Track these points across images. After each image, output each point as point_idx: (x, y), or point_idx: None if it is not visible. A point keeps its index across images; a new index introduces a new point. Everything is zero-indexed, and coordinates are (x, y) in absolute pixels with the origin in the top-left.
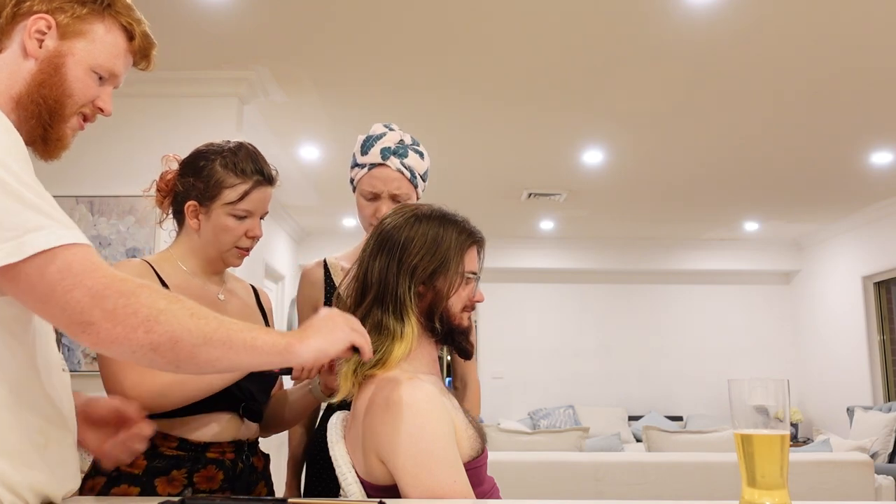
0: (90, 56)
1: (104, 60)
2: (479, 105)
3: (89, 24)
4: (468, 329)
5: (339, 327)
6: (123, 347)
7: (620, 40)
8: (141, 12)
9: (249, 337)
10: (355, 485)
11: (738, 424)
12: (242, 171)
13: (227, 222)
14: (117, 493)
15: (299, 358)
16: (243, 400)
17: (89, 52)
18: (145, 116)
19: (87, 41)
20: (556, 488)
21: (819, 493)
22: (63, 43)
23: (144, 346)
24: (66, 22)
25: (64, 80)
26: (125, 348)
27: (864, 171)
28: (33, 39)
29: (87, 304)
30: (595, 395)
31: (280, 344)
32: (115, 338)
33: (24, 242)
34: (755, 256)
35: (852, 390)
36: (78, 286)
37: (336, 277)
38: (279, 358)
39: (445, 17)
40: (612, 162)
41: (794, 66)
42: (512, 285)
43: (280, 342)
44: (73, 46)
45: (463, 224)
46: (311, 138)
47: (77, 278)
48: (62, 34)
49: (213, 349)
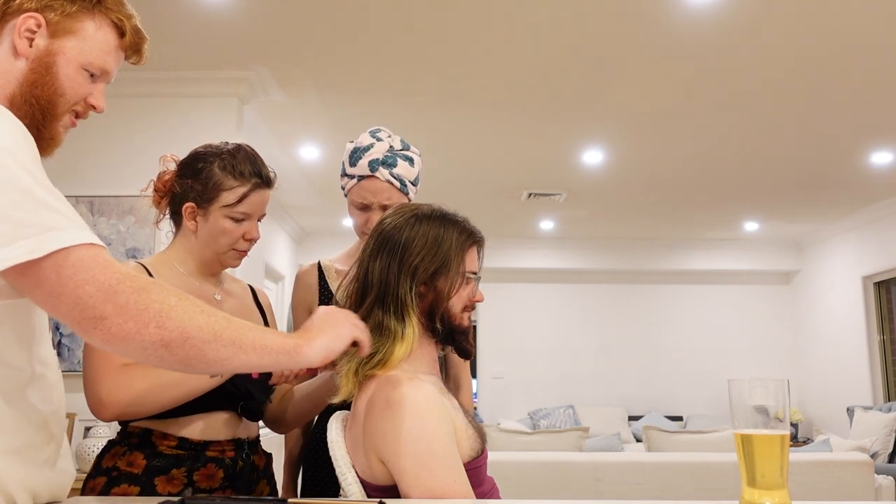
0: (81, 54)
1: (95, 58)
2: (479, 105)
3: (79, 21)
4: (469, 329)
5: (340, 323)
6: (135, 344)
7: (620, 41)
8: (141, 13)
9: (258, 336)
10: (355, 485)
11: (738, 424)
12: (241, 173)
13: (225, 224)
14: (117, 492)
15: (308, 359)
16: (242, 399)
17: (80, 49)
18: (145, 117)
19: (77, 39)
20: (556, 488)
21: (819, 493)
22: (53, 41)
23: (156, 342)
24: (56, 20)
25: (55, 80)
26: (136, 345)
27: (864, 171)
28: (23, 38)
29: (99, 299)
30: (595, 395)
31: (289, 344)
32: (126, 333)
33: (44, 240)
34: (755, 256)
35: (852, 390)
36: (91, 281)
37: (330, 280)
38: (287, 358)
39: (446, 17)
40: (612, 162)
41: (794, 66)
42: (512, 285)
43: (289, 343)
44: (64, 45)
45: (463, 224)
46: (311, 138)
47: (90, 273)
48: (52, 32)
49: (222, 347)
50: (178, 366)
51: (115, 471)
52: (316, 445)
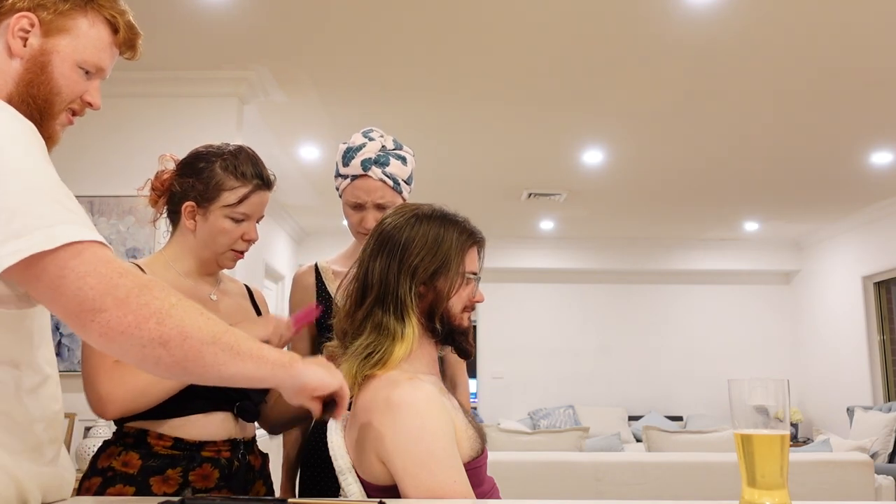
0: (75, 52)
1: (90, 55)
2: (479, 105)
3: (73, 19)
4: (468, 329)
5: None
6: (133, 341)
7: (620, 40)
8: (141, 13)
9: (256, 346)
10: (355, 485)
11: (738, 424)
12: (242, 174)
13: (225, 224)
14: (113, 493)
15: (301, 377)
16: (238, 399)
17: (74, 48)
18: (145, 116)
19: (71, 37)
20: (556, 488)
21: (819, 493)
22: (47, 40)
23: (154, 338)
24: (49, 19)
25: (51, 79)
26: (135, 341)
27: (864, 171)
28: (17, 38)
29: (100, 291)
30: (595, 395)
31: (284, 359)
32: (125, 327)
33: (56, 234)
34: (755, 256)
35: (852, 390)
36: (92, 273)
37: (328, 281)
38: (282, 372)
39: (446, 16)
40: (612, 162)
41: (794, 66)
42: (512, 285)
43: (284, 357)
44: (58, 43)
45: (464, 224)
46: (311, 138)
47: (92, 266)
48: (46, 31)
49: (220, 351)
50: (175, 368)
51: (111, 471)
52: (315, 445)
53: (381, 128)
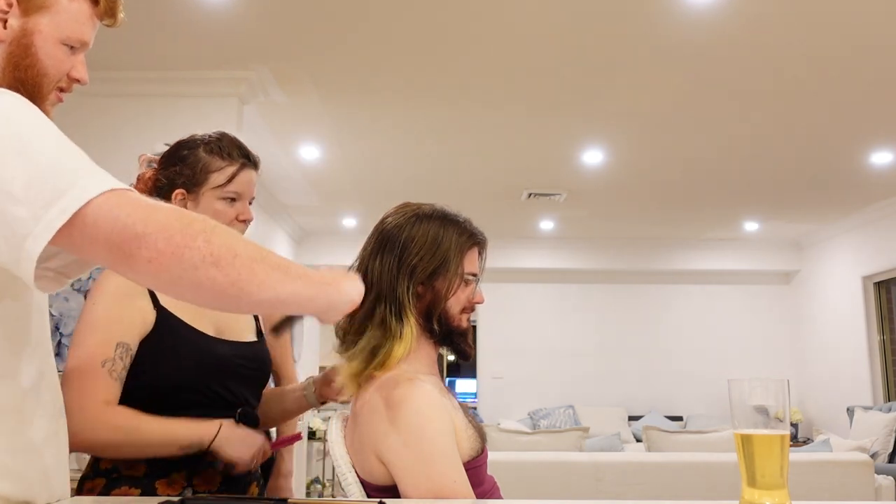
0: (58, 29)
1: (73, 31)
2: (479, 105)
3: None
4: (467, 331)
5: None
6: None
7: (620, 41)
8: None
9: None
10: (355, 485)
11: (738, 424)
12: (228, 154)
13: (217, 206)
14: (117, 494)
15: (345, 294)
16: (239, 405)
17: (56, 24)
18: (145, 116)
19: (51, 14)
20: (556, 488)
21: (819, 493)
22: (28, 20)
23: (206, 257)
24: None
25: (36, 60)
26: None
27: (864, 171)
28: None
29: (140, 217)
30: (595, 395)
31: (328, 277)
32: (175, 247)
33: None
34: (755, 256)
35: (852, 390)
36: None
37: None
38: (327, 290)
39: (445, 17)
40: (612, 162)
41: (794, 66)
42: (512, 285)
43: (327, 276)
44: (39, 22)
45: (464, 225)
46: (311, 138)
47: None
48: (24, 10)
49: (270, 269)
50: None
51: (116, 472)
52: None
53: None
